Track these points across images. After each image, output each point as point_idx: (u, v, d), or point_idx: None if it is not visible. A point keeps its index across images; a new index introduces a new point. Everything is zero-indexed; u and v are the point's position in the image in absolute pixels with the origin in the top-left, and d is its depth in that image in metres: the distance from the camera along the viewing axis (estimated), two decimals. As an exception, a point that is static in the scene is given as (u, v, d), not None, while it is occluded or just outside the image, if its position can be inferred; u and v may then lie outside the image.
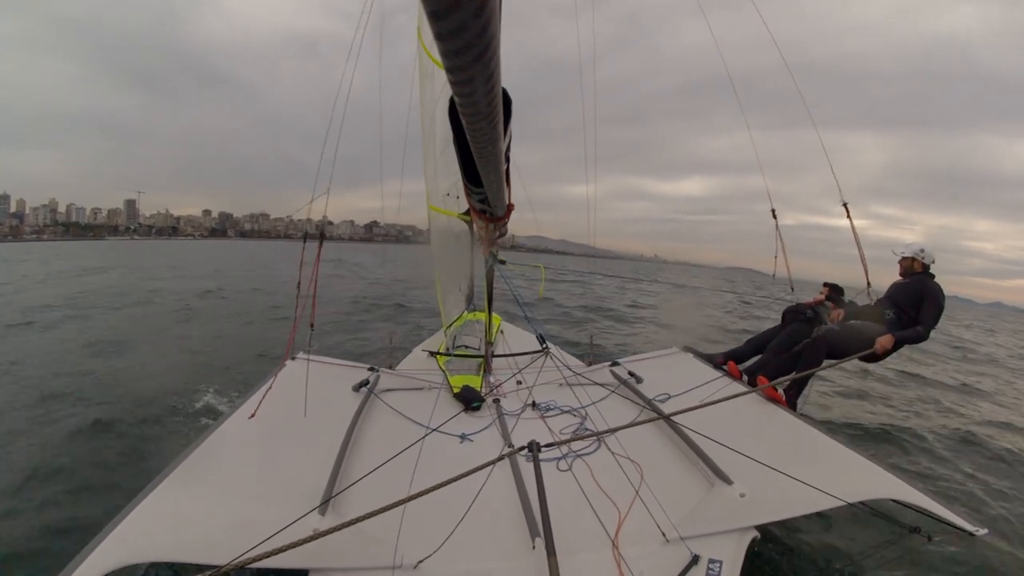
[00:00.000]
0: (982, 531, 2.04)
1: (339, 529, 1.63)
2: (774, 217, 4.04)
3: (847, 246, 3.78)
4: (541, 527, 1.96)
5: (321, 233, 2.94)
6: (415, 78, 4.67)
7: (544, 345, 5.22)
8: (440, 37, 0.94)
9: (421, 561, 1.98)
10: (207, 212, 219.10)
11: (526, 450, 2.22)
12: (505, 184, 2.64)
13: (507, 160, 2.47)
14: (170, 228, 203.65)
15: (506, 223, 3.42)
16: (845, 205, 3.65)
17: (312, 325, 3.07)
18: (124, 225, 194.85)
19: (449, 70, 1.11)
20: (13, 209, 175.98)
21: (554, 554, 1.73)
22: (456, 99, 1.32)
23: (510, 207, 3.18)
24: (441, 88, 4.56)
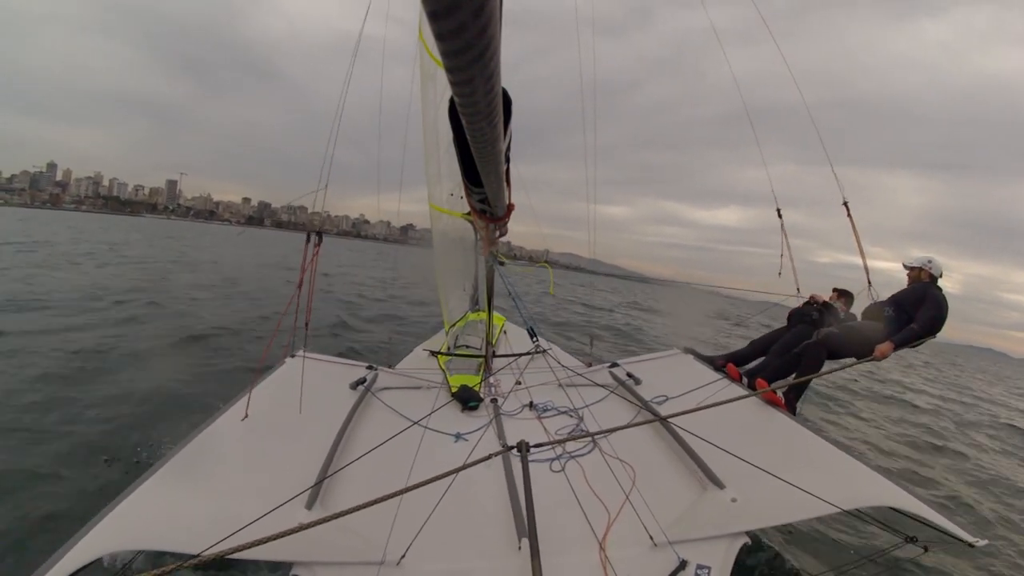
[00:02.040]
0: (981, 542, 2.00)
1: (324, 522, 1.61)
2: (779, 216, 4.04)
3: (880, 288, 3.73)
4: (528, 527, 1.95)
5: (318, 233, 2.90)
6: (415, 78, 4.68)
7: (535, 339, 5.20)
8: (440, 37, 0.95)
9: (403, 556, 1.99)
10: (246, 200, 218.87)
11: (515, 450, 2.20)
12: (505, 184, 2.65)
13: (507, 160, 2.46)
14: (208, 212, 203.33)
15: (506, 223, 3.41)
16: (845, 204, 3.61)
17: (307, 324, 3.05)
18: (163, 204, 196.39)
19: (449, 70, 1.11)
20: (59, 178, 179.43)
21: (538, 555, 1.72)
22: (456, 99, 1.32)
23: (510, 207, 3.18)
24: (443, 89, 4.54)
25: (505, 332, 5.97)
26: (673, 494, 2.51)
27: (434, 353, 5.01)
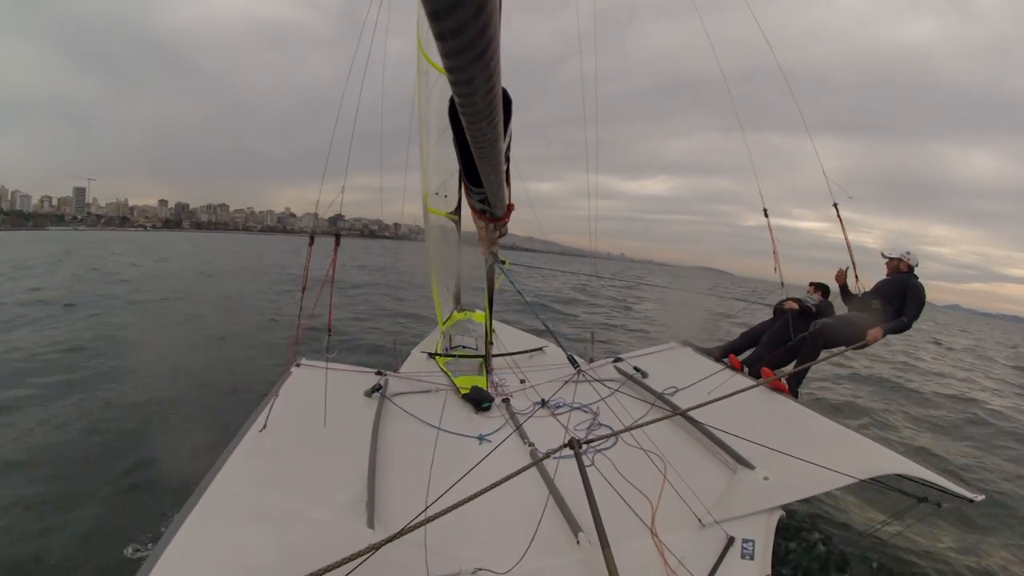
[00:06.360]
0: (979, 497, 2.24)
1: (396, 537, 1.54)
2: (766, 216, 4.23)
3: (806, 248, 3.90)
4: (583, 522, 2.02)
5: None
6: (403, 75, 4.64)
7: (577, 366, 5.02)
8: (440, 37, 0.94)
9: (480, 569, 1.97)
10: (163, 202, 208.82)
11: (567, 448, 2.13)
12: (505, 184, 2.63)
13: (507, 160, 2.46)
14: (120, 218, 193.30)
15: (506, 223, 3.41)
16: (835, 205, 3.88)
17: (330, 330, 2.94)
18: (71, 215, 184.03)
19: (449, 70, 1.10)
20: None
21: (608, 546, 1.75)
22: (456, 99, 1.31)
23: (510, 207, 3.17)
24: (432, 87, 4.52)
25: (495, 330, 5.97)
26: (706, 478, 2.64)
27: (432, 355, 4.94)
